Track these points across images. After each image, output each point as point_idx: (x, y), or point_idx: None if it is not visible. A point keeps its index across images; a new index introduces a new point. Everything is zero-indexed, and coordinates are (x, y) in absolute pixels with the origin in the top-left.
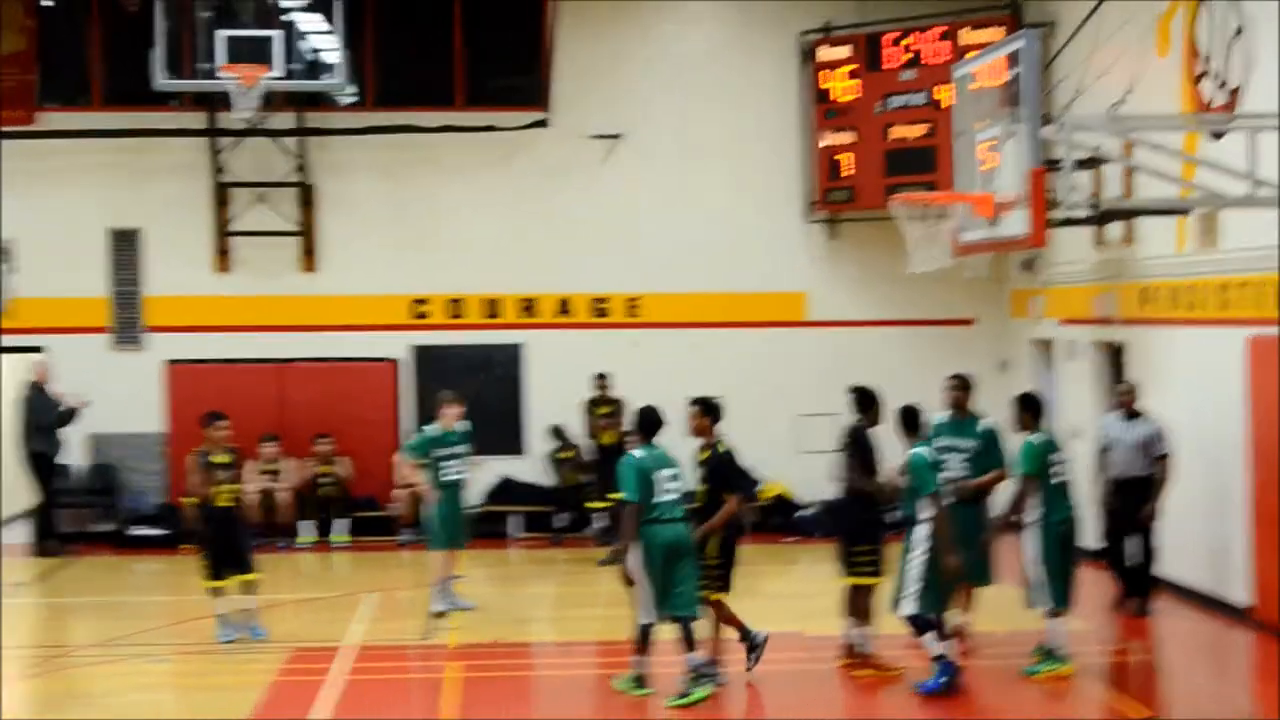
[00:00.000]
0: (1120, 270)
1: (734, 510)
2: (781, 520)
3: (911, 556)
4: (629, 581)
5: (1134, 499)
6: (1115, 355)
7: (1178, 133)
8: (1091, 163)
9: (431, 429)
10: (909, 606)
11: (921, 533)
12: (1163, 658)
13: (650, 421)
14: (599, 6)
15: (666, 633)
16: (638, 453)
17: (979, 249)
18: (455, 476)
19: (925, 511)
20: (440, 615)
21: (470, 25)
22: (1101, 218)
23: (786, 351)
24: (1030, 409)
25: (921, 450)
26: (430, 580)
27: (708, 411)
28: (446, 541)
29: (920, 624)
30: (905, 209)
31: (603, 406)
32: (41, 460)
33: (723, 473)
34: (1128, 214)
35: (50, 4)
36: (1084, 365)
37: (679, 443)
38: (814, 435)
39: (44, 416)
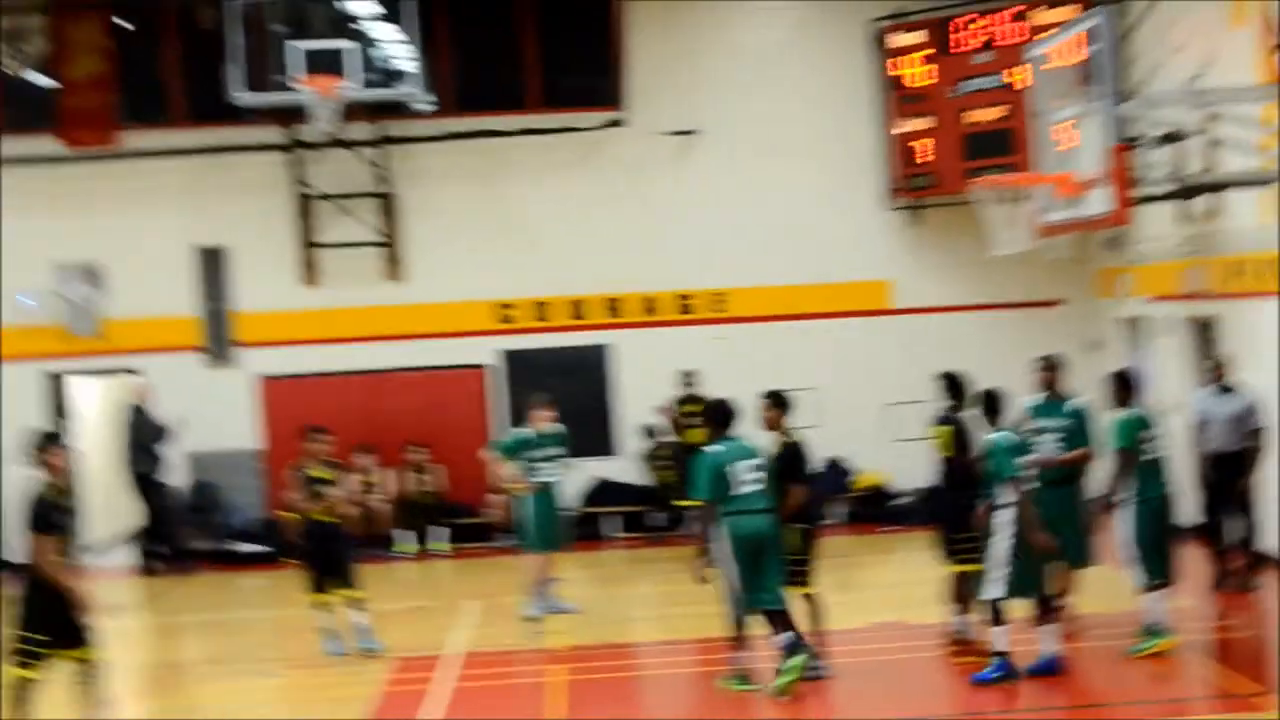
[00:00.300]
0: (1206, 245)
1: (799, 501)
2: (877, 510)
3: (995, 541)
4: (702, 580)
5: (1230, 474)
6: (1205, 331)
7: (1257, 104)
8: (1171, 138)
9: (523, 431)
10: (995, 590)
11: (1004, 517)
12: (1267, 632)
13: (723, 414)
14: (669, 4)
15: (760, 626)
16: (714, 447)
17: (1062, 229)
18: (548, 479)
19: (1006, 496)
20: (535, 620)
21: (543, 27)
22: (1184, 193)
23: (873, 341)
24: (1124, 386)
25: (1001, 434)
26: (527, 584)
27: (777, 404)
28: (543, 544)
29: (997, 614)
30: (986, 192)
31: (689, 404)
32: (145, 481)
33: (787, 464)
34: (1210, 188)
35: (127, 25)
36: (1174, 341)
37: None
38: (905, 423)
39: (145, 437)
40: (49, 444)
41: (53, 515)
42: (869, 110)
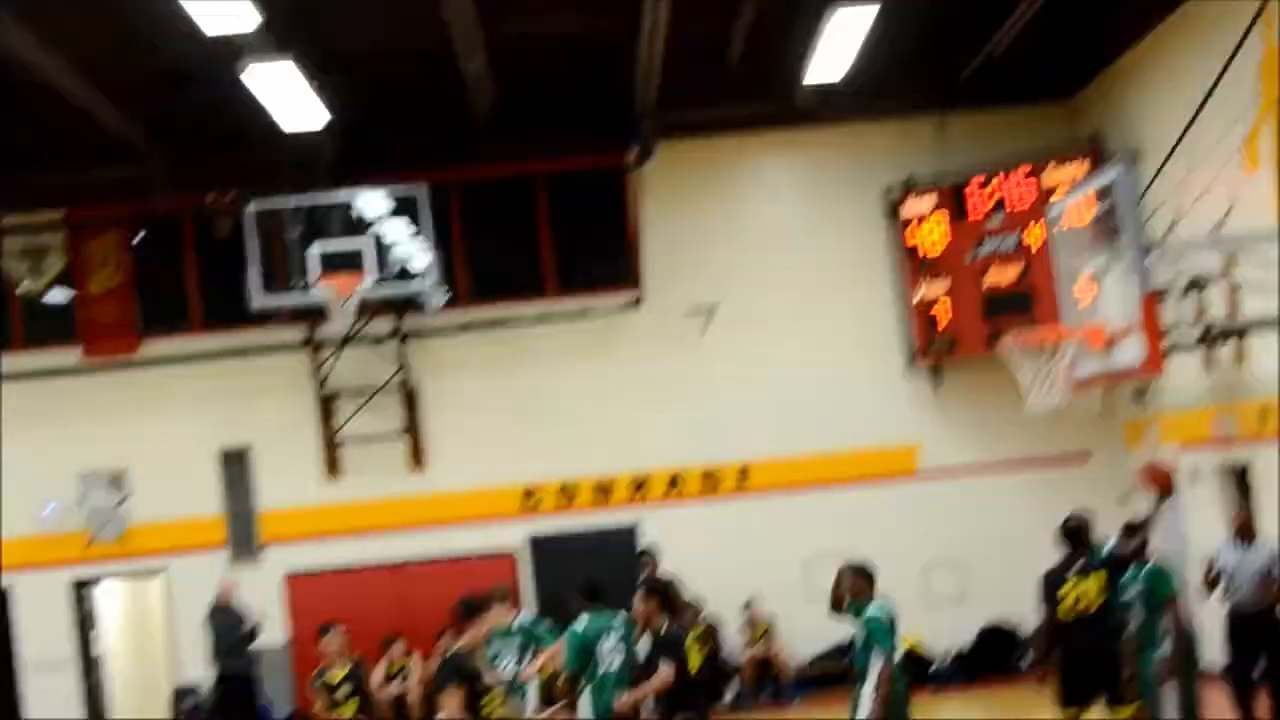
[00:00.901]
0: (1234, 391)
1: (663, 683)
2: (914, 676)
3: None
4: None
5: (1255, 631)
6: (1240, 478)
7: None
8: (1195, 285)
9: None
10: None
11: (869, 688)
12: None
13: (592, 590)
14: (680, 184)
15: None
16: (580, 623)
17: (1095, 382)
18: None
19: (876, 668)
20: None
21: (555, 214)
22: (1210, 339)
23: (902, 506)
24: (1132, 537)
25: (878, 607)
26: None
27: (653, 594)
28: None
29: None
30: (1017, 350)
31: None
32: (238, 682)
33: (660, 649)
34: (1239, 333)
35: (144, 237)
36: (1209, 490)
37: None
38: (941, 586)
39: (232, 636)
40: None
41: None
42: (887, 277)
